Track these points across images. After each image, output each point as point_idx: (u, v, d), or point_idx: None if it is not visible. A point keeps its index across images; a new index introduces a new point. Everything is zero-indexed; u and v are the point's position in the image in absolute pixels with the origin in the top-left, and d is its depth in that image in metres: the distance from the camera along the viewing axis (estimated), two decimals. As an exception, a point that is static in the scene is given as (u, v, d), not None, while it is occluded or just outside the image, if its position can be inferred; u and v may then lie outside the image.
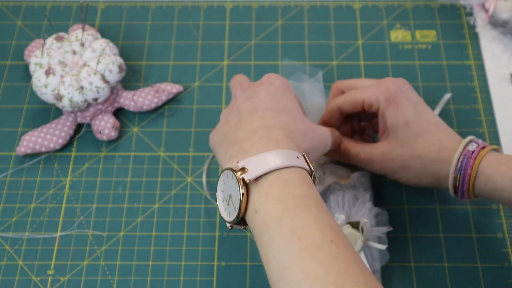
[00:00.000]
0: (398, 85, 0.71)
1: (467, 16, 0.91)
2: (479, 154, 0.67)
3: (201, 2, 0.93)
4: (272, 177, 0.55)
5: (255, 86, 0.66)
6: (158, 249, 0.73)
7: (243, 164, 0.56)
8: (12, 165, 0.79)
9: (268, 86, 0.65)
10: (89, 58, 0.80)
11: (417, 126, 0.69)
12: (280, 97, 0.64)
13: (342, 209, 0.69)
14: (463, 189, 0.67)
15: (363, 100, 0.71)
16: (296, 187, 0.55)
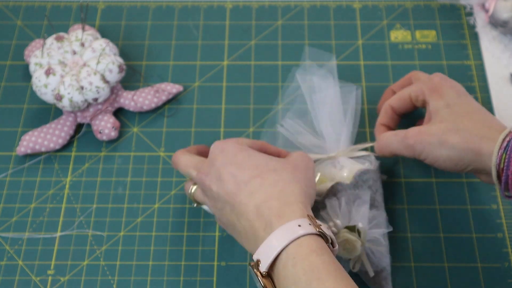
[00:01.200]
0: (442, 77, 0.72)
1: (467, 16, 0.91)
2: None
3: (201, 2, 0.93)
4: (284, 259, 0.56)
5: (211, 163, 0.65)
6: (158, 249, 0.73)
7: (257, 257, 0.58)
8: (12, 165, 0.79)
9: (225, 157, 0.64)
10: (89, 58, 0.80)
11: (459, 108, 0.68)
12: (244, 160, 0.63)
13: (338, 213, 0.68)
14: (508, 172, 0.63)
15: (410, 94, 0.72)
16: (305, 261, 0.56)
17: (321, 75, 0.74)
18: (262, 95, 0.84)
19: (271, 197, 0.60)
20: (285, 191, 0.61)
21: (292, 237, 0.56)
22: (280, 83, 0.85)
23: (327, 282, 0.54)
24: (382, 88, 0.84)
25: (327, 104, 0.72)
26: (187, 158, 0.69)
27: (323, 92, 0.73)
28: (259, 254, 0.57)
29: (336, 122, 0.73)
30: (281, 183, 0.61)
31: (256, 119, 0.82)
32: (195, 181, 0.68)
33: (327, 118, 0.72)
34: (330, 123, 0.72)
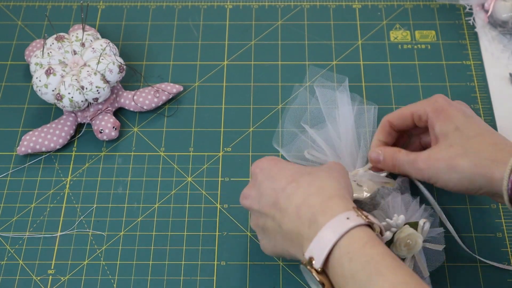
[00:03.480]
0: (446, 98, 0.69)
1: (466, 16, 0.91)
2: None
3: (201, 2, 0.94)
4: (337, 255, 0.56)
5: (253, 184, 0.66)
6: (158, 249, 0.73)
7: (309, 255, 0.58)
8: (13, 165, 0.79)
9: (263, 174, 0.65)
10: (89, 58, 0.80)
11: (469, 130, 0.66)
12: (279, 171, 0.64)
13: (399, 211, 0.67)
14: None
15: (412, 113, 0.70)
16: (360, 255, 0.55)
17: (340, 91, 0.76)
18: (262, 95, 0.84)
19: (309, 195, 0.60)
20: (323, 187, 0.61)
21: (343, 230, 0.56)
22: (280, 83, 0.85)
23: (389, 276, 0.54)
24: (382, 88, 0.85)
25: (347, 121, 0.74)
26: None
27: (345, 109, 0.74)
28: (311, 251, 0.57)
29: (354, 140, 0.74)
30: (318, 181, 0.62)
31: (256, 119, 0.83)
32: None
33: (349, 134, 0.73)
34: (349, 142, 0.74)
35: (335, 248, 0.56)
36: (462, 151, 0.64)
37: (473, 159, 0.64)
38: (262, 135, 0.81)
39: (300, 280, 0.71)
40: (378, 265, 0.54)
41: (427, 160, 0.66)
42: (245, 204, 0.67)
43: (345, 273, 0.55)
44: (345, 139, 0.74)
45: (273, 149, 0.79)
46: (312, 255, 0.57)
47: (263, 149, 0.80)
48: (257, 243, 0.73)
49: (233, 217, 0.75)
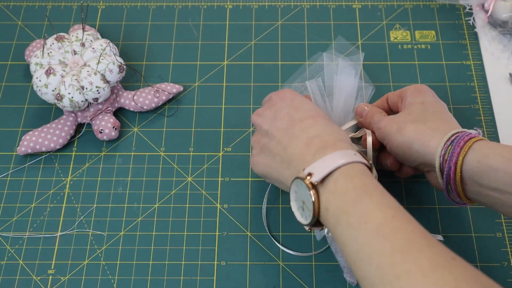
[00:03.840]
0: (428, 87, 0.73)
1: (466, 16, 0.91)
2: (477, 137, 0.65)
3: (201, 2, 0.94)
4: (336, 175, 0.60)
5: (269, 107, 0.70)
6: (158, 249, 0.73)
7: (308, 170, 0.61)
8: (13, 165, 0.80)
9: (282, 102, 0.70)
10: (89, 58, 0.80)
11: (432, 108, 0.70)
12: (300, 104, 0.69)
13: None
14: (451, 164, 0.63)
15: (401, 90, 0.74)
16: (357, 179, 0.60)
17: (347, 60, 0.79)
18: (262, 95, 0.84)
19: (324, 133, 0.64)
20: (337, 131, 0.65)
21: (350, 159, 0.61)
22: (280, 83, 0.85)
23: (375, 196, 0.58)
24: (382, 88, 0.85)
25: (344, 89, 0.77)
26: None
27: (344, 76, 0.77)
28: (313, 168, 0.61)
29: (348, 107, 0.77)
30: (334, 126, 0.66)
31: (256, 119, 0.83)
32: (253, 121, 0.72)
33: (340, 100, 0.77)
34: (341, 106, 0.77)
35: (336, 171, 0.60)
36: (414, 119, 0.69)
37: (419, 126, 0.68)
38: None
39: (300, 280, 0.71)
40: (369, 189, 0.59)
41: (387, 121, 0.71)
42: (255, 121, 0.71)
43: (337, 189, 0.59)
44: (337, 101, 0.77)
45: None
46: (312, 171, 0.61)
47: (263, 149, 0.80)
48: (257, 243, 0.73)
49: (233, 217, 0.75)
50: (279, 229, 0.74)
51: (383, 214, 0.57)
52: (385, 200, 0.58)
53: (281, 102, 0.70)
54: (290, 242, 0.73)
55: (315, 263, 0.72)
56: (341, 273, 0.71)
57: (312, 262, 0.72)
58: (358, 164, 0.61)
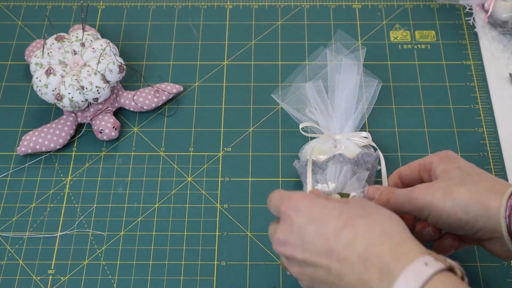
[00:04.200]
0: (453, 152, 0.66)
1: (466, 16, 0.91)
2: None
3: (201, 2, 0.94)
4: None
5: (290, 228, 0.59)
6: (158, 249, 0.73)
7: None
8: (13, 165, 0.80)
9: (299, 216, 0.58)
10: (89, 58, 0.80)
11: (470, 169, 0.63)
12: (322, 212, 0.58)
13: (336, 179, 0.70)
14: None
15: (419, 163, 0.67)
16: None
17: (349, 59, 0.78)
18: (262, 95, 0.84)
19: (373, 242, 0.54)
20: (386, 232, 0.54)
21: (424, 277, 0.50)
22: (280, 83, 0.85)
23: None
24: (382, 88, 0.84)
25: (346, 88, 0.76)
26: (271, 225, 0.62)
27: (346, 76, 0.76)
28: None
29: (348, 107, 0.76)
30: (377, 225, 0.55)
31: (256, 119, 0.83)
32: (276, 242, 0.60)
33: (342, 100, 0.76)
34: (343, 106, 0.76)
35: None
36: (460, 182, 0.61)
37: (470, 187, 0.60)
38: (262, 135, 0.81)
39: (300, 280, 0.71)
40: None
41: (424, 189, 0.62)
42: (284, 252, 0.59)
43: None
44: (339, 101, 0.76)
45: (273, 149, 0.79)
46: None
47: (263, 149, 0.80)
48: (257, 243, 0.73)
49: (233, 217, 0.75)
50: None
51: None
52: None
53: (298, 218, 0.58)
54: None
55: (315, 263, 0.72)
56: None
57: (312, 262, 0.72)
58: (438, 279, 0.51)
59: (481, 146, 0.80)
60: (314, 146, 0.76)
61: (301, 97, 0.79)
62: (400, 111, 0.83)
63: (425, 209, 0.61)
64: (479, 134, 0.81)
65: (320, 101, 0.77)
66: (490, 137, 0.80)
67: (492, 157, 0.79)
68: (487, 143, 0.80)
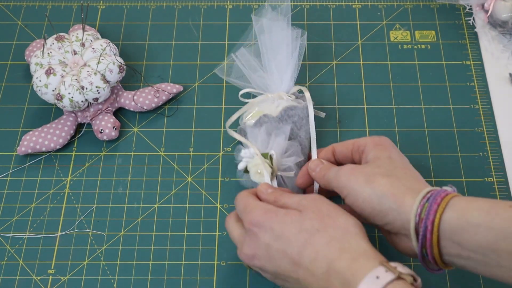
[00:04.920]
0: (390, 141, 0.68)
1: (466, 16, 0.91)
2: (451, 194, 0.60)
3: (201, 2, 0.94)
4: None
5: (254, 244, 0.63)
6: (158, 249, 0.73)
7: None
8: (13, 165, 0.80)
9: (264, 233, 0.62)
10: (89, 58, 0.80)
11: (400, 163, 0.65)
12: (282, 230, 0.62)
13: (257, 141, 0.74)
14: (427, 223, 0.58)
15: (353, 143, 0.69)
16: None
17: (272, 17, 0.79)
18: (262, 95, 0.84)
19: (333, 260, 0.58)
20: (343, 249, 0.59)
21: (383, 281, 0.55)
22: (280, 83, 0.85)
23: None
24: (382, 88, 0.85)
25: (274, 45, 0.77)
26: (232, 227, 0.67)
27: (273, 34, 0.78)
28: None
29: (282, 63, 0.77)
30: (334, 242, 0.59)
31: (256, 119, 0.83)
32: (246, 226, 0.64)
33: (273, 58, 0.77)
34: (275, 64, 0.77)
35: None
36: (385, 173, 0.63)
37: (392, 180, 0.62)
38: None
39: (300, 280, 0.71)
40: None
41: (350, 170, 0.65)
42: (254, 265, 0.64)
43: None
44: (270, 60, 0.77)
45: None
46: None
47: (263, 149, 0.80)
48: (257, 243, 0.73)
49: (233, 217, 0.75)
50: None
51: None
52: None
53: (263, 234, 0.62)
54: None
55: (315, 263, 0.72)
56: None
57: (312, 262, 0.72)
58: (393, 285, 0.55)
59: (481, 146, 0.80)
60: (256, 110, 0.78)
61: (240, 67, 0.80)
62: (400, 111, 0.83)
63: (345, 189, 0.64)
64: (479, 134, 0.81)
65: (255, 62, 0.78)
66: (490, 137, 0.80)
67: (492, 157, 0.79)
68: (487, 143, 0.80)
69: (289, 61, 0.78)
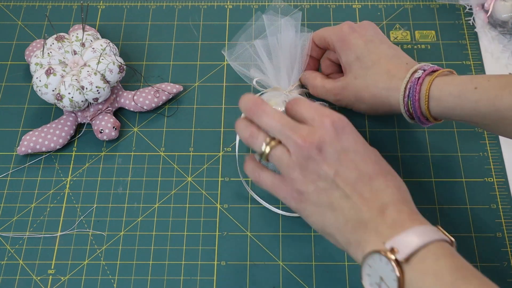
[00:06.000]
0: (352, 26, 0.77)
1: (466, 16, 0.91)
2: (426, 79, 0.70)
3: (201, 2, 0.94)
4: (422, 253, 0.55)
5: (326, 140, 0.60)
6: (158, 249, 0.73)
7: (391, 245, 0.56)
8: (13, 165, 0.80)
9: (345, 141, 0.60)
10: (89, 58, 0.80)
11: (367, 59, 0.74)
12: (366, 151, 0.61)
13: None
14: (418, 115, 0.71)
15: (325, 37, 0.78)
16: (447, 260, 0.55)
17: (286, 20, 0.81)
18: (262, 95, 0.84)
19: (397, 201, 0.59)
20: (407, 199, 0.60)
21: (436, 237, 0.56)
22: (280, 83, 0.85)
23: (474, 281, 0.53)
24: (382, 88, 0.85)
25: (288, 45, 0.79)
26: (281, 115, 0.62)
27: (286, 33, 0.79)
28: (397, 243, 0.55)
29: (293, 62, 0.80)
30: (401, 191, 0.60)
31: (256, 119, 0.83)
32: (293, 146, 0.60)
33: (286, 57, 0.79)
34: (288, 62, 0.79)
35: (421, 248, 0.55)
36: (364, 84, 0.74)
37: (372, 90, 0.73)
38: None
39: (300, 280, 0.71)
40: (465, 272, 0.54)
41: (341, 92, 0.76)
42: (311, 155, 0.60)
43: (426, 269, 0.54)
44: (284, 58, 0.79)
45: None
46: (396, 246, 0.55)
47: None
48: (257, 243, 0.73)
49: (233, 217, 0.75)
50: (279, 229, 0.75)
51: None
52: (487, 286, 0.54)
53: (344, 141, 0.60)
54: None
55: (315, 263, 0.72)
56: (342, 273, 0.71)
57: (312, 262, 0.72)
58: (444, 243, 0.56)
59: (481, 146, 0.80)
60: (269, 99, 0.79)
61: (249, 55, 0.82)
62: (400, 111, 0.83)
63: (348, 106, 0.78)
64: (479, 134, 0.81)
65: (267, 57, 0.79)
66: (490, 137, 0.80)
67: (492, 157, 0.79)
68: (487, 143, 0.80)
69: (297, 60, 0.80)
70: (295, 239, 0.74)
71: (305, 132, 0.60)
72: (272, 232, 0.74)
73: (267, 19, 0.82)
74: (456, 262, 0.55)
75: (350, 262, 0.72)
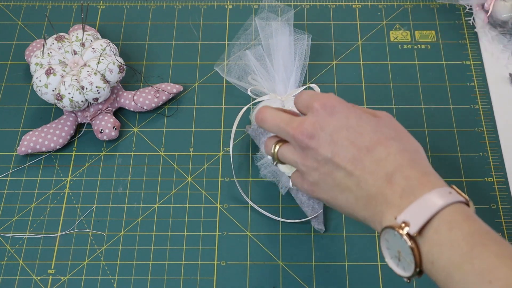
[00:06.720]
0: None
1: (466, 16, 0.91)
2: None
3: (201, 2, 0.94)
4: (436, 223, 0.53)
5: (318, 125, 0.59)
6: (158, 249, 0.73)
7: (403, 219, 0.53)
8: (13, 165, 0.80)
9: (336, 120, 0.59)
10: (89, 58, 0.80)
11: None
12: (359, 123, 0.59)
13: None
14: None
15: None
16: (462, 226, 0.52)
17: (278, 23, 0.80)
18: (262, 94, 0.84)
19: (403, 166, 0.56)
20: (415, 160, 0.57)
21: (448, 200, 0.53)
22: (280, 83, 0.85)
23: (492, 246, 0.50)
24: (382, 88, 0.85)
25: (280, 50, 0.78)
26: (277, 113, 0.62)
27: (279, 38, 0.78)
28: (407, 216, 0.53)
29: (287, 67, 0.78)
30: (408, 153, 0.57)
31: (256, 119, 0.83)
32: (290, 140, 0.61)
33: (280, 63, 0.77)
34: (282, 67, 0.78)
35: (434, 218, 0.53)
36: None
37: None
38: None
39: (300, 280, 0.71)
40: (482, 238, 0.51)
41: None
42: (307, 144, 0.59)
43: (441, 240, 0.52)
44: (278, 64, 0.78)
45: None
46: (407, 219, 0.53)
47: (263, 149, 0.80)
48: (257, 243, 0.73)
49: (233, 217, 0.75)
50: (279, 229, 0.75)
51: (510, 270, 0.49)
52: (505, 251, 0.50)
53: (334, 120, 0.59)
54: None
55: (315, 263, 0.72)
56: (342, 273, 0.71)
57: (312, 262, 0.72)
58: (458, 205, 0.53)
59: (481, 146, 0.80)
60: None
61: (243, 67, 0.81)
62: (400, 111, 0.83)
63: None
64: (479, 134, 0.81)
65: (261, 66, 0.78)
66: (490, 137, 0.80)
67: (492, 157, 0.79)
68: (487, 143, 0.80)
69: (294, 64, 0.78)
70: (295, 239, 0.74)
71: (296, 123, 0.60)
72: (272, 232, 0.74)
73: (260, 24, 0.81)
74: (472, 227, 0.52)
75: (350, 262, 0.72)
